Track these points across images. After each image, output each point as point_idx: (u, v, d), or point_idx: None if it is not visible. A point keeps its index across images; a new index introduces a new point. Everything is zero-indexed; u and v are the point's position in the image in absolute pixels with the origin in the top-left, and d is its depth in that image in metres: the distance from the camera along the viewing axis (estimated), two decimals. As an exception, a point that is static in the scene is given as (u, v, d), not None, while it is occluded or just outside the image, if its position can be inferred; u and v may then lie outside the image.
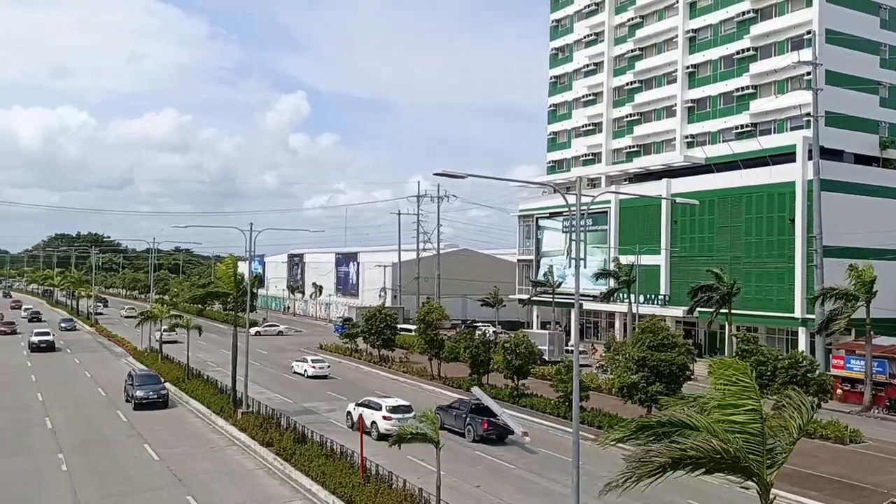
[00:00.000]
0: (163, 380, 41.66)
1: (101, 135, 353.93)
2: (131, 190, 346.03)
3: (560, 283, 65.75)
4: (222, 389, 40.01)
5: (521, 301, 75.83)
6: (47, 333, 63.15)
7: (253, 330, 65.37)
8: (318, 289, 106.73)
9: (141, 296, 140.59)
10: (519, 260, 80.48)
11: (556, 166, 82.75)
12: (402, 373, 51.17)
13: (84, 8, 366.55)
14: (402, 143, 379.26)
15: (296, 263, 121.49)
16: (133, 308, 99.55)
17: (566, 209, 48.17)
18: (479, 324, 69.56)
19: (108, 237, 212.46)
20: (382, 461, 24.87)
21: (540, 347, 45.09)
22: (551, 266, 71.11)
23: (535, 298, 71.57)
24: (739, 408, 12.70)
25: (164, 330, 53.76)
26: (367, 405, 32.92)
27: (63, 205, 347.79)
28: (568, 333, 68.46)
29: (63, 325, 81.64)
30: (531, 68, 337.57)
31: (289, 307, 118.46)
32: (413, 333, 57.32)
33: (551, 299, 65.01)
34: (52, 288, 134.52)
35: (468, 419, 32.01)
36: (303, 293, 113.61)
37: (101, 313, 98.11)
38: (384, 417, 31.37)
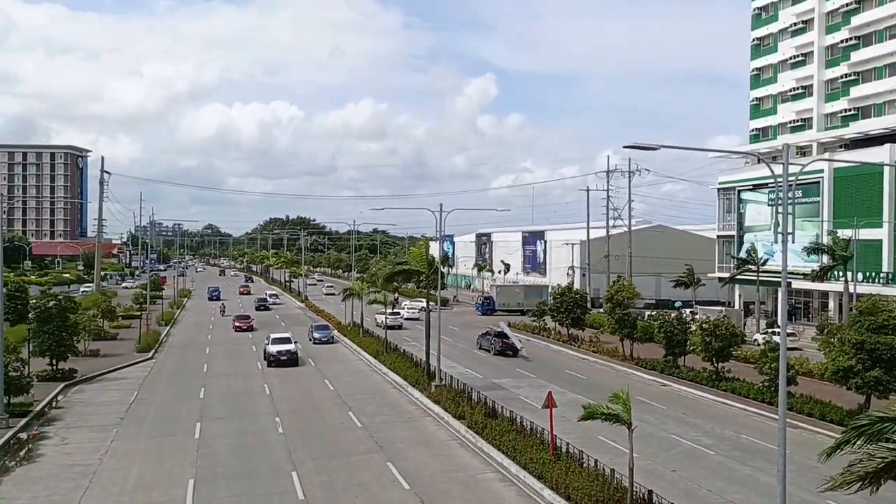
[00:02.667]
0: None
1: (308, 126, 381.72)
2: (335, 176, 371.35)
3: (765, 261, 61.15)
4: (417, 363, 41.74)
5: (721, 280, 71.53)
6: (287, 341, 46.64)
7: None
8: (506, 267, 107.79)
9: (344, 274, 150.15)
10: (719, 236, 75.87)
11: (759, 134, 76.99)
12: (591, 352, 50.39)
13: (293, 7, 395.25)
14: (589, 118, 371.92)
15: (483, 243, 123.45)
16: (332, 286, 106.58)
17: (772, 180, 44.59)
18: (697, 308, 65.29)
19: (314, 220, 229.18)
20: (573, 440, 24.68)
21: None
22: (755, 242, 66.40)
23: (737, 277, 67.16)
24: None
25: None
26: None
27: (276, 191, 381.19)
28: (773, 314, 63.74)
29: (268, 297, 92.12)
30: (729, 30, 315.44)
31: (476, 286, 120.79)
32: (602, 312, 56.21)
33: (755, 278, 60.70)
34: (264, 266, 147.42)
35: (493, 341, 47.00)
36: (490, 272, 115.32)
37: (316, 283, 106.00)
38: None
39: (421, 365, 40.40)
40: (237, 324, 63.21)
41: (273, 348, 44.77)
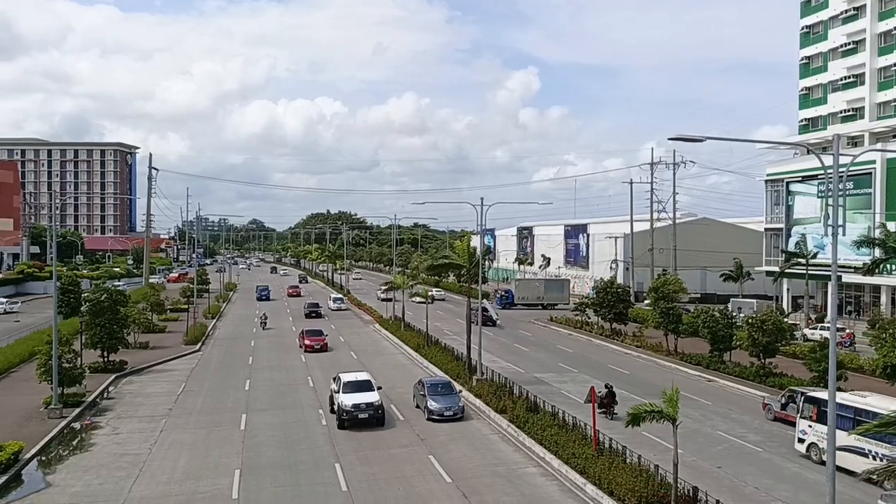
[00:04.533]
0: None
1: (351, 121, 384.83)
2: (377, 171, 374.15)
3: (815, 254, 59.75)
4: (458, 357, 41.79)
5: (769, 274, 70.05)
6: (367, 386, 30.37)
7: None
8: (547, 261, 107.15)
9: (385, 268, 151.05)
10: (766, 229, 74.23)
11: (809, 125, 74.99)
12: (634, 347, 49.82)
13: (338, 5, 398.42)
14: (633, 109, 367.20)
15: (525, 236, 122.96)
16: (362, 278, 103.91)
17: (822, 172, 43.44)
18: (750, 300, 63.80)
19: (356, 215, 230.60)
20: (616, 435, 24.46)
21: None
22: (804, 235, 64.85)
23: (785, 271, 65.68)
24: None
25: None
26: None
27: (320, 187, 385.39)
28: (822, 309, 62.20)
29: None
30: (776, 18, 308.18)
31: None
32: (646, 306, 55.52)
33: (804, 272, 59.30)
34: (307, 260, 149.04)
35: (476, 314, 42.31)
36: (532, 265, 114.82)
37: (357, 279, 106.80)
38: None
39: (462, 359, 40.45)
40: (307, 342, 48.85)
41: (347, 399, 29.00)
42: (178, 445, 26.87)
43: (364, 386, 30.26)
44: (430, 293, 54.41)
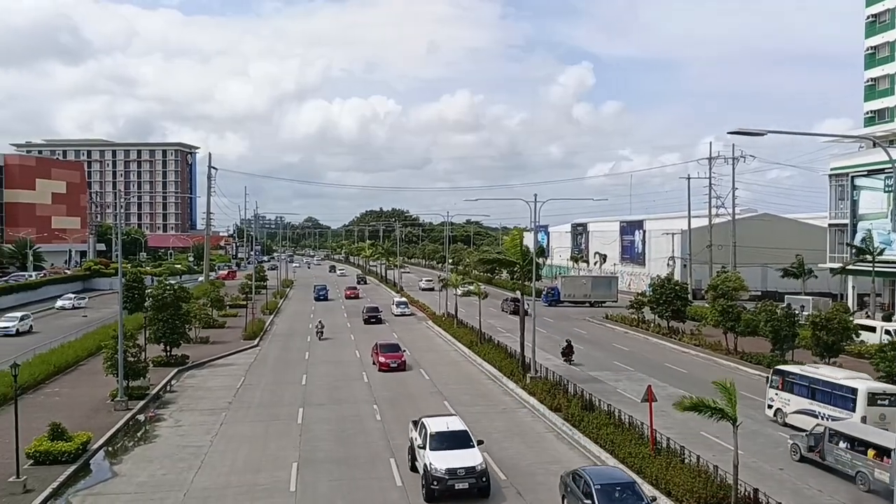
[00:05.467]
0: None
1: (405, 119, 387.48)
2: (430, 168, 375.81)
3: (882, 250, 57.61)
4: (511, 354, 41.68)
5: (833, 271, 67.86)
6: (464, 439, 22.47)
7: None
8: (602, 258, 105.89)
9: (437, 265, 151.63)
10: (830, 224, 71.84)
11: (874, 117, 72.34)
12: (692, 345, 48.86)
13: (392, 3, 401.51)
14: (690, 103, 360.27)
15: (579, 233, 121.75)
16: (431, 280, 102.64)
17: (889, 165, 41.90)
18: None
19: (408, 212, 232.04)
20: (673, 435, 24.09)
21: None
22: (870, 230, 62.55)
23: (850, 267, 63.50)
24: None
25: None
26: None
27: (373, 184, 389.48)
28: (890, 307, 59.96)
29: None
30: (840, 8, 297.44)
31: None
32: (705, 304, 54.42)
33: (871, 268, 57.24)
34: (362, 257, 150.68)
35: (508, 304, 42.89)
36: (586, 262, 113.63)
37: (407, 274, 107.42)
38: None
39: (515, 356, 40.32)
40: (382, 359, 41.29)
41: (438, 461, 21.32)
42: (238, 438, 27.51)
43: (460, 440, 22.24)
44: (482, 289, 54.39)
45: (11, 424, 22.49)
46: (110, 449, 26.45)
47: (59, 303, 70.79)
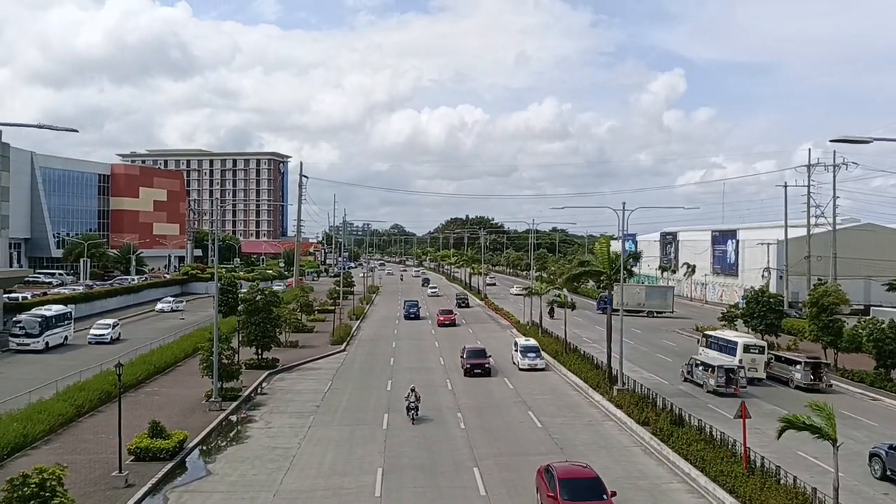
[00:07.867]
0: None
1: (492, 128, 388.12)
2: (516, 176, 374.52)
3: None
4: (597, 365, 40.96)
5: (943, 284, 63.61)
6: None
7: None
8: (691, 269, 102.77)
9: (522, 273, 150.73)
10: (941, 235, 67.57)
11: None
12: (789, 360, 46.69)
13: (483, 14, 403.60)
14: (787, 108, 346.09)
15: (669, 242, 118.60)
16: (521, 287, 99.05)
17: None
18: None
19: (493, 219, 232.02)
20: (768, 454, 23.10)
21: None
22: None
23: (963, 281, 59.42)
24: None
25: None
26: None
27: (459, 192, 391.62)
28: None
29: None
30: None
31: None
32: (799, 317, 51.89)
33: None
34: (448, 265, 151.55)
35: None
36: (675, 272, 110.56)
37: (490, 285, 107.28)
38: None
39: (602, 367, 39.60)
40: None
41: None
42: (325, 441, 28.09)
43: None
44: (567, 297, 53.70)
45: (115, 421, 23.71)
46: (204, 448, 27.48)
47: (159, 306, 74.37)
